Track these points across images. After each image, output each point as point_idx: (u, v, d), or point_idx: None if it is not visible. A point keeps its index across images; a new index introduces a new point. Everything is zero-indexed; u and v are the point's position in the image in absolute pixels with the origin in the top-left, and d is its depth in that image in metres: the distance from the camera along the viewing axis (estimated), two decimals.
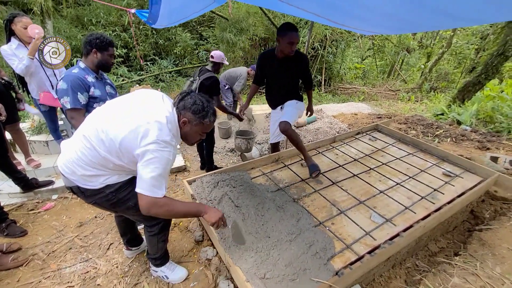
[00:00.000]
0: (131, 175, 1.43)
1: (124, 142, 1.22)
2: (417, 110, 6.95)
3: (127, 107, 1.30)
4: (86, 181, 1.33)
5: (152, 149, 1.18)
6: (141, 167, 1.21)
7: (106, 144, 1.24)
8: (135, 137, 1.20)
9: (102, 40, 1.84)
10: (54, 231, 2.30)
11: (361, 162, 2.68)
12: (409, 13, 1.78)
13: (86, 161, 1.28)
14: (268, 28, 8.15)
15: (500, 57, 5.47)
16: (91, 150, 1.27)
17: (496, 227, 2.07)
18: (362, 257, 1.60)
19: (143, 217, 1.53)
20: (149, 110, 1.27)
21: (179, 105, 1.34)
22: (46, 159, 3.08)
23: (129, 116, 1.25)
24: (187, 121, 1.34)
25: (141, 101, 1.33)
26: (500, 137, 3.93)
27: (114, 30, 7.23)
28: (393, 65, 12.56)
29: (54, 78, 2.61)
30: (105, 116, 1.30)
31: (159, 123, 1.22)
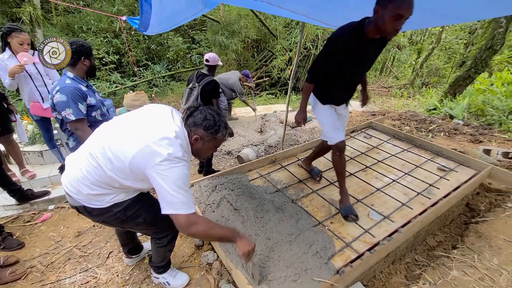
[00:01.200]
0: (138, 192, 1.39)
1: (134, 162, 1.16)
2: (410, 106, 7.03)
3: (135, 124, 1.24)
4: (92, 200, 1.28)
5: (165, 167, 1.12)
6: (159, 189, 1.15)
7: (114, 163, 1.19)
8: (145, 156, 1.14)
9: (86, 46, 1.85)
10: (52, 242, 2.27)
11: (357, 161, 2.70)
12: None
13: (92, 180, 1.23)
14: (259, 30, 8.17)
15: (489, 51, 5.58)
16: (97, 169, 1.22)
17: (491, 218, 2.11)
18: (362, 254, 1.62)
19: (152, 231, 1.53)
20: (158, 127, 1.21)
21: (189, 122, 1.27)
22: (41, 170, 3.04)
23: (138, 134, 1.19)
24: (199, 138, 1.27)
25: (149, 117, 1.27)
26: (491, 129, 4.01)
27: (106, 37, 7.19)
28: (385, 62, 12.70)
29: (44, 89, 2.59)
30: (113, 133, 1.24)
31: (169, 139, 1.16)
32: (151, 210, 1.41)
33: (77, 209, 1.35)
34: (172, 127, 1.21)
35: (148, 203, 1.44)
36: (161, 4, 1.30)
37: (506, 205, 2.24)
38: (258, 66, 8.68)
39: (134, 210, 1.36)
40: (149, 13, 1.29)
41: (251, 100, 5.53)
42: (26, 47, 2.40)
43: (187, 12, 1.84)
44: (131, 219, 1.37)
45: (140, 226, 1.44)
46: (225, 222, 1.87)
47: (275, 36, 8.27)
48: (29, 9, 5.65)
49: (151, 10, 1.25)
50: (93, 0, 8.20)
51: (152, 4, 1.21)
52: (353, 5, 1.78)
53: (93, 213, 1.31)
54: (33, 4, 5.75)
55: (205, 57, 2.85)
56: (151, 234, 1.57)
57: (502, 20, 5.29)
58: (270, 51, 8.55)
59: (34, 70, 2.48)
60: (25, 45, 2.39)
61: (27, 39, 2.39)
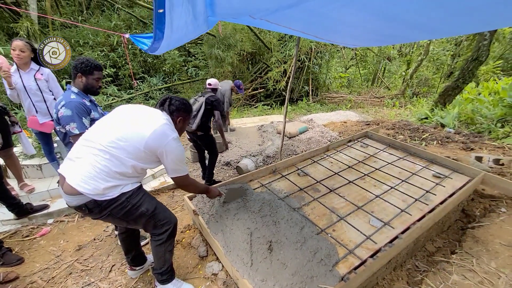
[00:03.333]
0: (139, 183, 1.60)
1: (148, 144, 1.42)
2: (402, 116, 7.22)
3: (134, 117, 1.50)
4: (105, 193, 1.41)
5: (171, 147, 1.47)
6: (168, 162, 1.50)
7: (129, 150, 1.41)
8: (157, 138, 1.43)
9: (87, 64, 1.88)
10: (52, 257, 2.24)
11: (355, 169, 2.77)
12: (388, 28, 1.93)
13: (108, 172, 1.39)
14: (254, 43, 8.38)
15: (475, 62, 5.83)
16: (111, 161, 1.40)
17: (487, 223, 2.17)
18: (365, 261, 1.65)
19: (153, 225, 1.62)
20: (154, 116, 1.51)
21: (171, 109, 1.63)
22: (40, 183, 3.02)
23: (143, 123, 1.46)
24: (182, 119, 1.68)
25: (140, 112, 1.55)
26: (482, 137, 4.15)
27: (102, 50, 7.26)
28: (376, 73, 13.07)
29: (43, 104, 2.58)
30: (116, 128, 1.45)
31: (167, 125, 1.51)
32: (151, 201, 1.61)
33: (81, 208, 1.43)
34: (162, 115, 1.55)
35: (149, 195, 1.64)
36: (171, 30, 1.37)
37: (500, 210, 2.32)
38: (253, 77, 8.85)
39: (138, 198, 1.54)
40: (161, 39, 1.36)
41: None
42: (18, 53, 2.36)
43: (193, 34, 1.92)
44: (135, 207, 1.52)
45: (142, 218, 1.57)
46: (229, 231, 1.89)
47: (269, 49, 8.48)
48: (27, 24, 5.72)
49: (163, 36, 1.32)
50: (90, 15, 8.34)
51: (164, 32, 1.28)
52: (349, 22, 1.89)
53: (102, 205, 1.44)
54: (30, 19, 5.82)
55: (208, 82, 3.28)
56: (151, 228, 1.65)
57: (486, 33, 5.57)
58: (265, 63, 8.74)
59: (34, 86, 2.49)
60: (18, 51, 2.35)
61: (18, 45, 2.35)
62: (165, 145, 1.45)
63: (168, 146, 1.46)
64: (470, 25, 1.76)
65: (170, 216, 1.69)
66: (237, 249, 1.74)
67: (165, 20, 1.18)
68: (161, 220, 1.63)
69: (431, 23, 1.73)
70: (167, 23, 1.22)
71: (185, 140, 5.17)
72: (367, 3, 1.35)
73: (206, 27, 1.87)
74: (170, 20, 1.25)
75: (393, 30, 1.97)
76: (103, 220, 1.53)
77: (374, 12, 1.51)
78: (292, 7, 1.54)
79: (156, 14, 1.14)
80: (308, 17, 1.81)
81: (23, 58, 2.40)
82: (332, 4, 1.40)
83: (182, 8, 1.26)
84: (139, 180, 1.59)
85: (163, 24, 1.21)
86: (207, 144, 3.10)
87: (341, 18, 1.77)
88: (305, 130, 5.26)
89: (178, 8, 1.22)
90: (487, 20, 1.56)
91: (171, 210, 2.89)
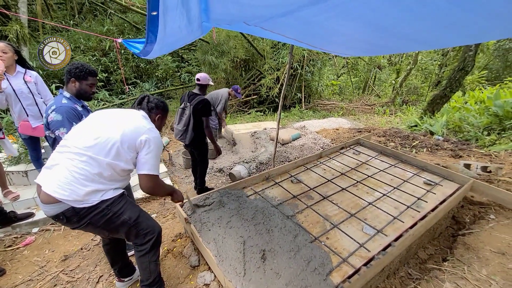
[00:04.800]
0: (122, 190, 1.54)
1: (125, 138, 1.40)
2: (393, 123, 7.35)
3: (109, 117, 1.49)
4: (85, 199, 1.35)
5: (151, 136, 1.45)
6: (146, 153, 1.44)
7: (106, 148, 1.38)
8: (133, 130, 1.43)
9: (81, 70, 1.85)
10: (35, 268, 2.15)
11: (348, 176, 2.78)
12: (379, 39, 1.97)
13: (86, 175, 1.35)
14: (248, 50, 8.44)
15: (461, 72, 6.02)
16: (88, 163, 1.36)
17: (477, 230, 2.20)
18: (358, 269, 1.64)
19: (135, 233, 1.55)
20: (132, 114, 1.53)
21: (149, 106, 1.64)
22: (25, 190, 2.91)
23: (117, 120, 1.46)
24: (160, 116, 1.69)
25: (118, 112, 1.55)
26: (469, 145, 4.25)
27: (94, 55, 7.18)
28: (367, 81, 13.34)
29: (34, 108, 2.54)
30: (91, 129, 1.43)
31: (145, 116, 1.55)
32: (134, 209, 1.56)
33: (63, 215, 1.36)
34: (140, 112, 1.58)
35: (131, 202, 1.58)
36: (165, 34, 1.36)
37: (489, 217, 2.36)
38: (246, 84, 8.89)
39: (120, 206, 1.48)
40: (153, 43, 1.35)
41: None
42: (0, 54, 2.29)
43: (186, 39, 1.91)
44: (116, 216, 1.46)
45: (124, 227, 1.50)
46: (222, 240, 1.86)
47: (263, 56, 8.56)
48: (16, 27, 5.62)
49: (156, 40, 1.31)
50: (82, 19, 8.27)
51: (157, 35, 1.27)
52: (343, 31, 1.92)
53: (81, 213, 1.37)
54: (20, 23, 5.72)
55: (197, 76, 2.92)
56: (133, 238, 1.59)
57: (472, 45, 5.77)
58: (258, 70, 8.81)
59: (25, 89, 2.44)
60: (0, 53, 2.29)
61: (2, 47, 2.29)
62: (144, 133, 1.43)
63: (147, 134, 1.44)
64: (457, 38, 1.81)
65: (154, 225, 1.63)
66: (229, 258, 1.71)
67: (159, 23, 1.17)
68: (144, 229, 1.57)
69: (421, 35, 1.78)
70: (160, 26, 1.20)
71: (178, 146, 5.12)
72: (360, 14, 1.38)
73: (200, 33, 1.88)
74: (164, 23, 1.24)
75: (384, 41, 2.02)
76: (83, 229, 1.46)
77: (366, 23, 1.54)
78: (286, 15, 1.56)
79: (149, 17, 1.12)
80: (301, 25, 1.83)
81: (6, 60, 2.33)
82: (325, 13, 1.43)
83: (176, 12, 1.25)
84: (122, 185, 1.54)
85: (156, 27, 1.20)
86: (200, 153, 3.05)
87: (334, 27, 1.80)
88: (298, 137, 5.29)
89: (172, 11, 1.21)
90: (473, 34, 1.61)
91: (162, 218, 2.84)
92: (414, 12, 1.26)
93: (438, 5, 1.13)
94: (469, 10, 1.16)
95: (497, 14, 1.17)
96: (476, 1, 1.07)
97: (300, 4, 1.35)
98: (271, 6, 1.39)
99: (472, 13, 1.19)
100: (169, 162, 4.33)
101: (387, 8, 1.25)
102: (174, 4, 1.18)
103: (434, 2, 1.11)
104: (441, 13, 1.22)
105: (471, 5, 1.11)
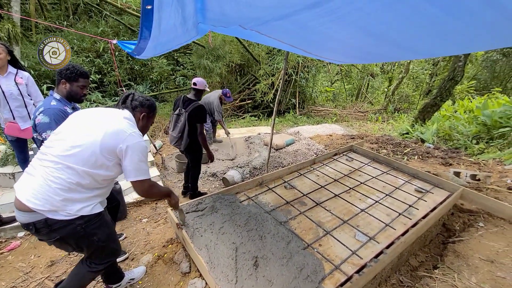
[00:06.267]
0: (100, 209, 1.45)
1: (104, 145, 1.31)
2: (385, 130, 7.46)
3: (88, 120, 1.39)
4: (60, 209, 1.28)
5: (132, 142, 1.35)
6: (129, 160, 1.35)
7: (84, 157, 1.29)
8: (112, 136, 1.32)
9: (72, 71, 1.82)
10: (20, 274, 2.08)
11: (340, 182, 2.79)
12: (373, 46, 2.01)
13: (62, 184, 1.27)
14: (243, 55, 8.49)
15: (451, 82, 6.18)
16: (64, 170, 1.28)
17: (466, 238, 2.23)
18: (351, 277, 1.64)
19: (97, 255, 1.53)
20: (113, 114, 1.43)
21: (133, 105, 1.53)
22: (11, 193, 2.83)
23: (96, 124, 1.36)
24: (146, 115, 1.57)
25: (96, 112, 1.45)
26: (459, 153, 4.34)
27: (88, 56, 7.11)
28: (360, 89, 13.56)
29: (23, 109, 2.48)
30: (68, 135, 1.34)
31: (126, 121, 1.43)
32: (106, 230, 1.50)
33: (34, 225, 1.29)
34: (122, 112, 1.47)
35: (105, 222, 1.51)
36: (159, 31, 1.36)
37: (478, 224, 2.40)
38: (241, 89, 8.91)
39: (94, 226, 1.42)
40: (147, 39, 1.34)
41: None
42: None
43: (181, 39, 1.91)
44: (88, 235, 1.41)
45: (91, 247, 1.47)
46: (214, 246, 1.83)
47: (258, 62, 8.62)
48: (8, 26, 5.52)
49: (150, 36, 1.30)
50: (76, 20, 8.19)
51: (151, 31, 1.26)
52: (337, 38, 1.95)
53: (53, 226, 1.30)
54: (12, 22, 5.63)
55: (193, 81, 2.87)
56: (94, 258, 1.54)
57: (461, 55, 5.94)
58: (253, 75, 8.85)
59: (15, 91, 2.38)
60: None
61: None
62: (124, 140, 1.33)
63: (128, 141, 1.34)
64: (448, 47, 1.86)
65: (117, 249, 1.64)
66: (221, 265, 1.69)
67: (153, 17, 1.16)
68: (108, 255, 1.58)
69: (413, 43, 1.82)
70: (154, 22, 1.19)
71: (171, 149, 5.07)
72: (355, 20, 1.40)
73: (196, 33, 1.87)
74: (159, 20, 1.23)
75: (377, 48, 2.06)
76: (48, 243, 1.39)
77: (360, 29, 1.57)
78: (283, 19, 1.57)
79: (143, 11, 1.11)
80: (297, 30, 1.85)
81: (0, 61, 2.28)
82: (321, 18, 1.45)
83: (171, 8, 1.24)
84: (102, 193, 1.46)
85: (150, 22, 1.19)
86: (193, 159, 3.02)
87: (329, 33, 1.83)
88: (292, 143, 5.31)
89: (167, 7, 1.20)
90: (464, 44, 1.66)
91: (154, 222, 2.79)
92: (408, 19, 1.29)
93: (432, 12, 1.15)
94: (460, 19, 1.19)
95: (486, 23, 1.21)
96: (467, 10, 1.10)
97: (296, 8, 1.36)
98: (268, 7, 1.40)
99: (463, 22, 1.22)
100: (162, 166, 4.28)
101: (381, 14, 1.27)
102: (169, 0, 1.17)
103: (427, 9, 1.14)
104: (433, 21, 1.26)
105: (462, 13, 1.14)
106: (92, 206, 1.39)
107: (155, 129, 6.38)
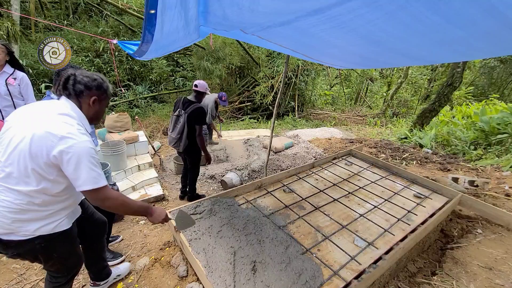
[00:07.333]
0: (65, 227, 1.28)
1: (33, 155, 1.08)
2: (383, 134, 7.48)
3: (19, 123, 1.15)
4: (15, 232, 1.15)
5: (65, 147, 1.08)
6: (71, 169, 1.10)
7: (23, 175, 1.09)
8: (41, 141, 1.07)
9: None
10: (14, 276, 2.04)
11: (339, 187, 2.79)
12: (372, 53, 2.02)
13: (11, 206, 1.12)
14: (243, 58, 8.51)
15: (450, 87, 6.21)
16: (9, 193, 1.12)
17: (465, 244, 2.23)
18: (349, 283, 1.63)
19: (57, 268, 1.41)
20: (43, 111, 1.16)
21: (76, 89, 1.23)
22: None
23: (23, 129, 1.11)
24: (96, 99, 1.28)
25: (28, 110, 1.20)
26: (457, 158, 4.36)
27: (87, 56, 7.09)
28: (359, 93, 13.63)
29: (12, 110, 2.46)
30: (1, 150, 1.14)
31: (63, 114, 1.15)
32: (68, 246, 1.36)
33: None
34: (57, 106, 1.19)
35: (70, 239, 1.36)
36: (162, 34, 1.35)
37: (477, 231, 2.40)
38: (240, 91, 8.92)
39: (54, 245, 1.28)
40: (149, 43, 1.33)
41: (218, 125, 5.53)
42: None
43: (183, 41, 1.91)
44: (47, 251, 1.28)
45: (50, 261, 1.34)
46: (212, 250, 1.82)
47: (258, 64, 8.64)
48: (7, 24, 5.49)
49: (153, 39, 1.29)
50: (76, 19, 8.17)
51: (154, 34, 1.26)
52: (337, 43, 1.95)
53: (10, 245, 1.18)
54: (11, 20, 5.60)
55: (195, 83, 2.87)
56: (53, 270, 1.43)
57: (460, 62, 5.98)
58: (253, 77, 8.86)
59: (3, 91, 2.35)
60: None
61: None
62: (56, 145, 1.07)
63: (60, 146, 1.07)
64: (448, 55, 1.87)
65: (78, 262, 1.49)
66: (219, 269, 1.67)
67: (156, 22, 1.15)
68: (68, 266, 1.44)
69: (413, 51, 1.83)
70: (157, 25, 1.19)
71: (170, 151, 5.05)
72: (355, 27, 1.41)
73: (197, 36, 1.86)
74: (161, 23, 1.22)
75: (377, 55, 2.07)
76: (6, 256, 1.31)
77: (360, 36, 1.58)
78: (284, 25, 1.57)
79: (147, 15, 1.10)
80: (298, 36, 1.86)
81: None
82: (322, 25, 1.45)
83: (175, 11, 1.23)
84: (68, 212, 1.29)
85: (153, 26, 1.18)
86: (192, 161, 3.01)
87: (329, 39, 1.83)
88: (290, 146, 5.30)
89: (170, 11, 1.19)
90: (463, 52, 1.67)
91: (151, 224, 2.76)
92: (409, 27, 1.29)
93: (433, 21, 1.16)
94: (461, 28, 1.20)
95: (487, 32, 1.22)
96: (469, 19, 1.10)
97: (298, 15, 1.36)
98: (270, 13, 1.40)
99: (464, 31, 1.23)
100: (160, 168, 4.26)
101: (382, 22, 1.28)
102: (173, 3, 1.16)
103: (429, 18, 1.14)
104: (435, 29, 1.26)
105: (463, 22, 1.15)
106: (56, 224, 1.23)
107: (154, 130, 6.36)
